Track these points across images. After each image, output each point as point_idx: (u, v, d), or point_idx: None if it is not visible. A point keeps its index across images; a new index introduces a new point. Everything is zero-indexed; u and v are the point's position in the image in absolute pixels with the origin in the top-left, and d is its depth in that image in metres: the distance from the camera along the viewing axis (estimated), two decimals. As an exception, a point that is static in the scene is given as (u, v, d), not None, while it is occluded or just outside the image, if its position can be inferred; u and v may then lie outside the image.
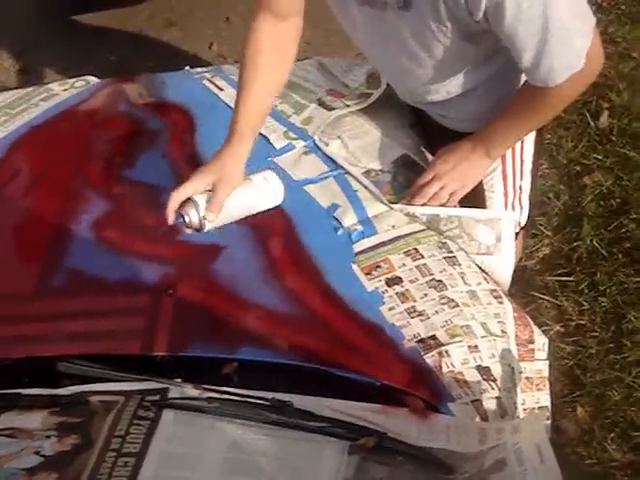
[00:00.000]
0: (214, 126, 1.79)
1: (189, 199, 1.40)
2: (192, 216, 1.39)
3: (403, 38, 1.48)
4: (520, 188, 1.78)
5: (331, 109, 1.81)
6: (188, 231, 1.43)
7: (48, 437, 1.13)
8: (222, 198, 1.39)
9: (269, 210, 1.49)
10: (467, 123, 1.68)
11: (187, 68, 2.17)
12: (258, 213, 1.48)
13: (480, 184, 1.69)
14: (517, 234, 1.76)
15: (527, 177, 1.77)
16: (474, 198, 1.67)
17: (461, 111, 1.68)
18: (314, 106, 1.82)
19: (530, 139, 1.73)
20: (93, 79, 2.12)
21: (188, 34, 3.53)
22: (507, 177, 1.74)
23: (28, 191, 1.73)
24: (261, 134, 1.74)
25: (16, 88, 2.21)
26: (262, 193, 1.47)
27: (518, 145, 1.71)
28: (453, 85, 1.60)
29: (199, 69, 2.10)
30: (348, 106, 1.82)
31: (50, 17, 3.77)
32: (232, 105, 1.80)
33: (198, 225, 1.40)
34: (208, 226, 1.40)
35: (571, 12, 1.32)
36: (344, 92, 1.86)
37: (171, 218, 1.38)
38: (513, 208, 1.78)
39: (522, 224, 1.82)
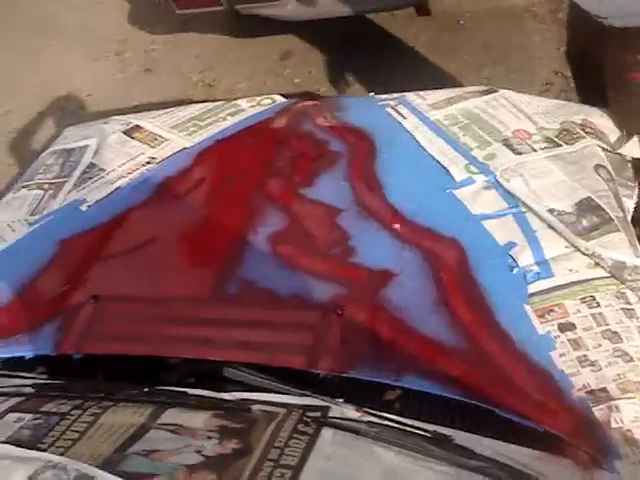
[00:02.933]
0: (395, 153, 1.81)
1: None
2: None
3: None
4: None
5: (518, 153, 1.76)
6: None
7: (210, 438, 1.16)
8: None
9: None
10: None
11: (372, 94, 2.20)
12: None
13: None
14: None
15: None
16: None
17: None
18: (498, 145, 1.78)
19: None
20: (280, 98, 2.19)
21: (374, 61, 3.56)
22: None
23: (210, 200, 1.80)
24: (441, 165, 1.74)
25: (202, 102, 2.32)
26: None
27: None
28: None
29: (383, 96, 2.12)
30: (535, 151, 1.77)
31: (240, 36, 3.94)
32: (414, 134, 1.82)
33: None
34: None
35: None
36: (531, 131, 1.81)
37: None
38: None
39: None
